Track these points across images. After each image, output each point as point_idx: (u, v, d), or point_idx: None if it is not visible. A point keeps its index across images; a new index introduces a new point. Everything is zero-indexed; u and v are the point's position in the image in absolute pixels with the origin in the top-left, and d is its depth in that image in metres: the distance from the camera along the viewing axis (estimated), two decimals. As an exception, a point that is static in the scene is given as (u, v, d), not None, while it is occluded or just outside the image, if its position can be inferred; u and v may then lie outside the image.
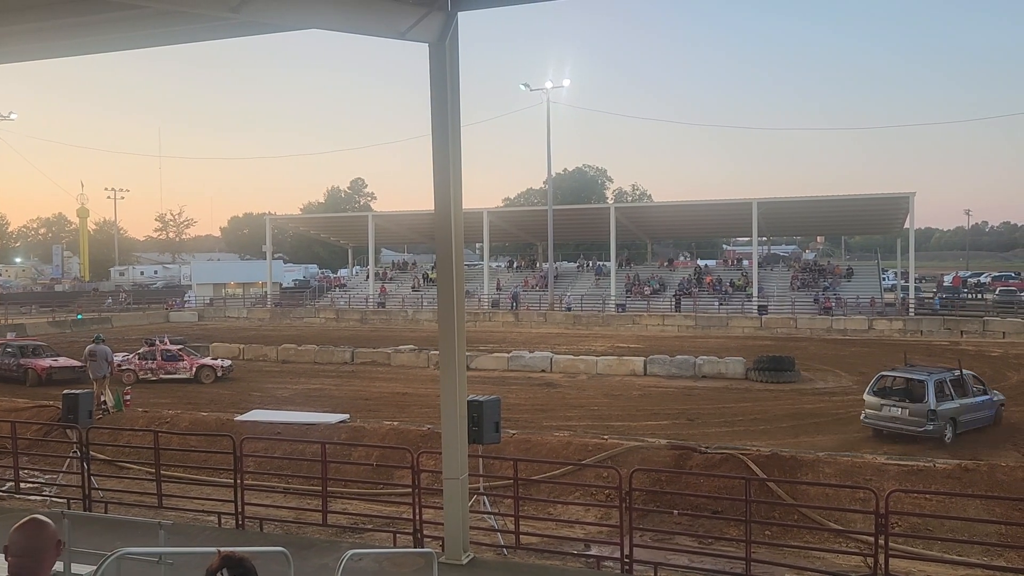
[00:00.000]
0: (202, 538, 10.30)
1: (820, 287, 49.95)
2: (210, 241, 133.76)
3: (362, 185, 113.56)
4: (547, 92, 52.45)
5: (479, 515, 10.67)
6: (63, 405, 13.28)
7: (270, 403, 21.52)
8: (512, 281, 58.85)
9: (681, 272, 57.27)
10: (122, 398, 17.82)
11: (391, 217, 62.88)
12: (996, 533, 10.10)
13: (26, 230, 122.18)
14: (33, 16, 7.73)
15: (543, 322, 47.21)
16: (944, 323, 40.26)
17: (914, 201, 45.70)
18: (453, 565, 9.45)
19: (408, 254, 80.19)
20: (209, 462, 13.33)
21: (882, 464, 12.02)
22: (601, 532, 10.92)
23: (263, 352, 32.48)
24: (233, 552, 2.75)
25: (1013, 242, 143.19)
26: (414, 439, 13.79)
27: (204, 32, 8.74)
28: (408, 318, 50.24)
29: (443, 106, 9.14)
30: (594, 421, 19.15)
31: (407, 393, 23.61)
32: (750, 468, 11.65)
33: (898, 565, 9.17)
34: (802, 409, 20.85)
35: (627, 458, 12.51)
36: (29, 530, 2.79)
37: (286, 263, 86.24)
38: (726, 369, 26.79)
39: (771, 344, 34.87)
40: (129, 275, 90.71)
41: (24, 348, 27.63)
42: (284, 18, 7.92)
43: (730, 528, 10.83)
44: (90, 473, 12.32)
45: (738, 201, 51.25)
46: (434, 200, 9.41)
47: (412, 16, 8.58)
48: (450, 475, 9.60)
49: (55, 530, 2.85)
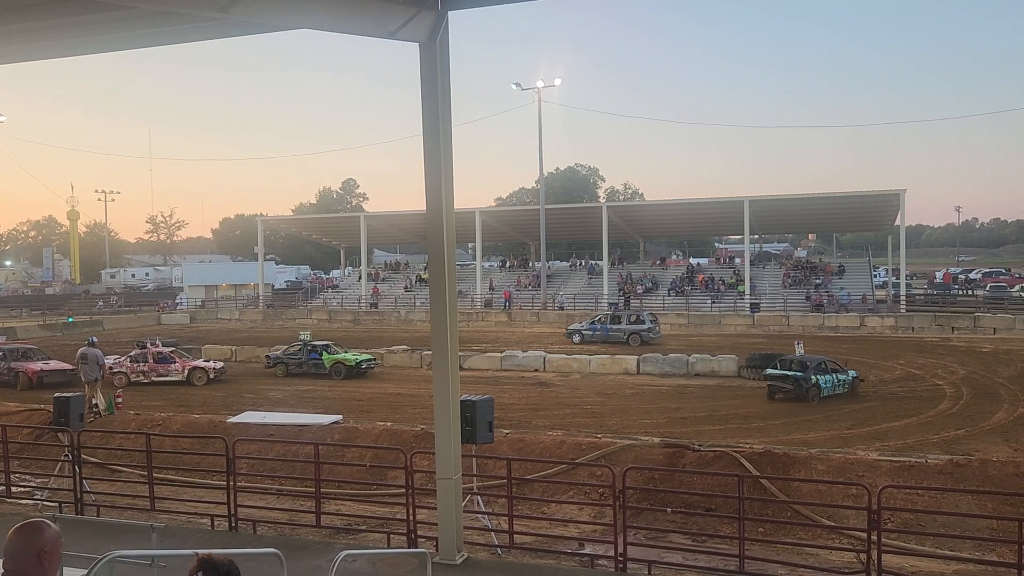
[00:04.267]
0: (195, 540, 10.26)
1: (812, 284, 50.14)
2: (201, 243, 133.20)
3: (354, 186, 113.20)
4: (538, 91, 52.49)
5: (473, 515, 10.66)
6: (54, 408, 13.20)
7: (263, 405, 21.45)
8: (505, 281, 58.85)
9: (674, 270, 57.39)
10: (114, 401, 17.72)
11: (383, 217, 62.78)
12: (988, 528, 10.14)
13: (16, 233, 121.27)
14: (20, 17, 7.68)
15: (536, 321, 47.22)
16: (935, 319, 40.45)
17: (904, 198, 45.87)
18: (447, 565, 9.44)
19: (400, 254, 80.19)
20: (202, 464, 13.29)
21: (874, 460, 12.06)
22: (595, 531, 10.92)
23: (256, 354, 32.36)
24: (211, 555, 2.72)
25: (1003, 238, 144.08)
26: (407, 439, 13.77)
27: (193, 33, 8.72)
28: (401, 318, 50.18)
29: (434, 106, 9.13)
30: (587, 420, 19.16)
31: (400, 393, 23.58)
32: (743, 465, 11.66)
33: (891, 561, 9.19)
34: (794, 406, 20.91)
35: (620, 457, 12.51)
36: (15, 536, 2.73)
37: (278, 264, 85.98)
38: (719, 367, 26.86)
39: (763, 342, 34.98)
40: (120, 277, 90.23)
41: (15, 351, 27.46)
42: (273, 18, 7.90)
43: (724, 526, 10.84)
44: (82, 476, 12.26)
45: (730, 199, 51.36)
46: (426, 200, 9.40)
47: (402, 15, 8.56)
48: (444, 475, 9.60)
49: (42, 540, 2.74)
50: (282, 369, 28.10)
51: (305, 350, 28.07)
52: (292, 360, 28.11)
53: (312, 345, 28.31)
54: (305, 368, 27.68)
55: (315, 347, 28.21)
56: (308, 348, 28.12)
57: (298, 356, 28.11)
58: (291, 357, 28.26)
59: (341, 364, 27.34)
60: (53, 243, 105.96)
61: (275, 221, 72.41)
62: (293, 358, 28.16)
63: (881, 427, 18.11)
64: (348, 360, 27.50)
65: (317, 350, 28.01)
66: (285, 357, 28.42)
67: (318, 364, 27.50)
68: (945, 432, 17.50)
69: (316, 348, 28.15)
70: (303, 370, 27.66)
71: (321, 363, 27.48)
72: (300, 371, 27.70)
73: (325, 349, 28.12)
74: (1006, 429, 17.83)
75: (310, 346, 28.25)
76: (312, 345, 28.31)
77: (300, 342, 28.75)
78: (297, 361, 27.98)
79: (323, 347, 28.26)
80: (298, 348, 28.45)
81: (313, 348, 28.13)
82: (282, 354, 28.73)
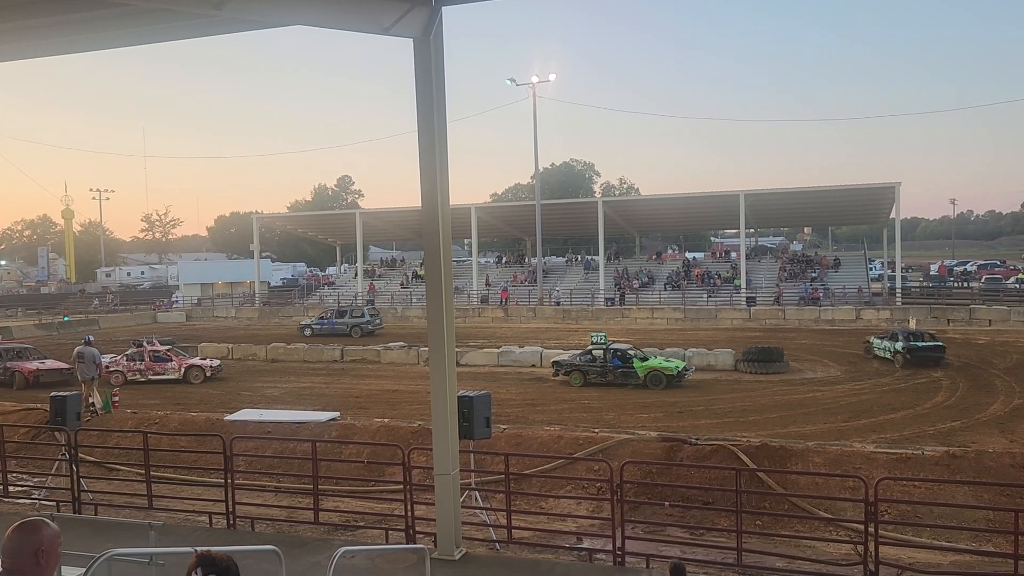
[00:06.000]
0: (193, 538, 10.24)
1: (808, 278, 50.22)
2: (197, 241, 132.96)
3: (349, 182, 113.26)
4: (533, 87, 52.48)
5: (471, 510, 10.67)
6: (51, 407, 13.20)
7: (260, 402, 21.45)
8: (501, 276, 58.85)
9: (670, 265, 57.46)
10: (110, 400, 17.71)
11: (379, 214, 62.72)
12: (984, 519, 10.19)
13: (10, 232, 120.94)
14: (11, 15, 7.64)
15: (532, 317, 47.25)
16: (931, 312, 40.54)
17: (899, 191, 45.99)
18: (446, 561, 9.44)
19: (396, 251, 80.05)
20: (199, 462, 13.28)
21: (871, 452, 12.10)
22: (593, 525, 10.93)
23: (252, 351, 32.37)
24: (209, 551, 2.71)
25: (998, 230, 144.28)
26: (405, 436, 13.78)
27: (187, 30, 8.68)
28: (397, 315, 50.18)
29: (429, 101, 9.11)
30: (584, 415, 19.19)
31: (397, 390, 23.58)
32: (740, 459, 11.69)
33: (888, 552, 9.23)
34: (791, 399, 20.97)
35: (618, 451, 12.53)
36: (13, 535, 2.71)
37: (274, 262, 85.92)
38: (715, 361, 26.93)
39: (760, 335, 35.05)
40: (116, 276, 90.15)
41: (11, 351, 27.40)
42: (267, 14, 7.87)
43: (721, 519, 10.87)
44: (79, 475, 12.24)
45: (725, 193, 51.41)
46: (421, 196, 9.38)
47: (396, 11, 8.54)
48: (441, 471, 9.60)
49: (39, 539, 2.71)
50: (578, 378, 24.02)
51: (608, 355, 24.21)
52: (593, 368, 24.11)
53: (615, 350, 24.42)
54: (611, 377, 23.69)
55: (618, 352, 24.33)
56: (611, 353, 24.25)
57: (599, 363, 24.23)
58: (591, 365, 24.24)
59: (660, 373, 23.34)
60: (48, 242, 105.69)
61: (271, 219, 72.34)
62: (594, 366, 24.17)
63: (878, 419, 18.17)
64: (668, 369, 23.48)
65: (621, 355, 24.16)
66: (583, 364, 24.38)
67: (628, 373, 23.53)
68: (941, 424, 17.55)
69: (619, 353, 24.24)
70: (607, 379, 23.69)
71: (632, 371, 23.52)
72: (604, 380, 23.73)
73: (630, 354, 24.26)
74: (1002, 420, 17.90)
75: (612, 351, 24.36)
76: (615, 350, 24.42)
77: (597, 345, 24.70)
78: (600, 369, 24.02)
79: (628, 352, 24.41)
80: (599, 354, 24.39)
81: (616, 353, 24.25)
82: (579, 360, 24.72)
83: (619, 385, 23.36)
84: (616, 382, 23.50)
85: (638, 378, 23.34)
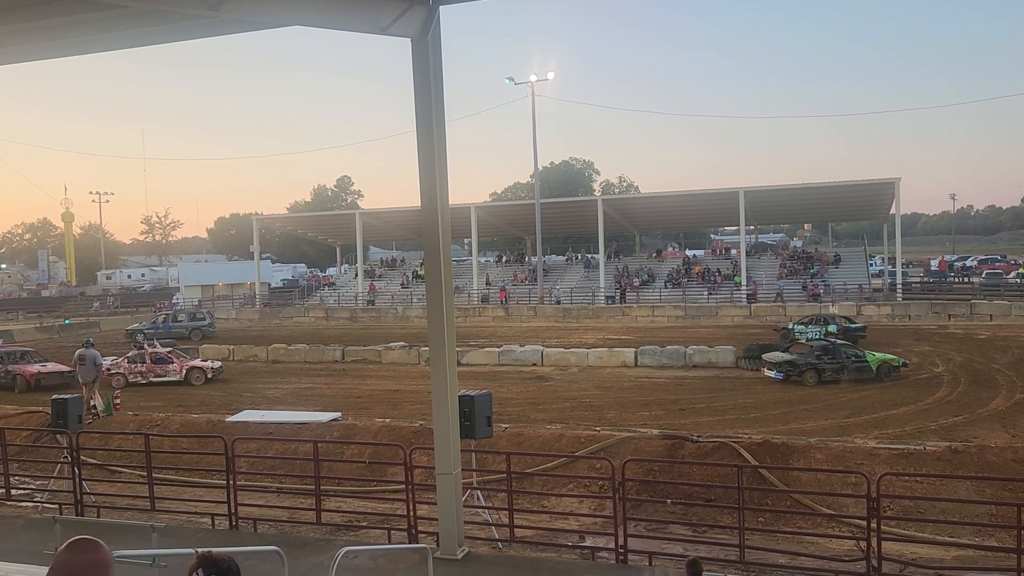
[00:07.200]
0: (195, 540, 10.25)
1: (808, 274, 50.20)
2: (197, 243, 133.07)
3: (348, 183, 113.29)
4: (531, 85, 52.42)
5: (473, 510, 10.68)
6: (52, 410, 13.18)
7: (261, 403, 21.43)
8: (501, 276, 58.85)
9: (670, 263, 57.44)
10: (112, 402, 17.71)
11: (378, 214, 62.72)
12: (987, 514, 10.18)
13: (10, 235, 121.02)
14: (9, 19, 7.64)
15: (533, 316, 47.23)
16: (932, 307, 40.54)
17: (899, 186, 45.95)
18: (448, 560, 9.45)
19: (396, 251, 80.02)
20: (201, 464, 13.29)
21: (873, 448, 12.09)
22: (595, 523, 10.93)
23: (253, 352, 32.35)
24: (210, 552, 2.71)
25: (998, 225, 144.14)
26: (406, 436, 13.77)
27: (184, 31, 8.67)
28: (398, 315, 50.17)
29: (427, 101, 9.11)
30: (586, 413, 19.18)
31: (398, 390, 23.58)
32: (742, 456, 11.69)
33: (890, 548, 9.23)
34: (792, 396, 20.95)
35: (620, 449, 12.53)
36: (74, 552, 2.53)
37: (274, 263, 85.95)
38: (716, 358, 26.90)
39: (761, 332, 35.01)
40: (116, 278, 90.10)
41: (12, 354, 27.41)
42: (264, 15, 7.87)
43: (723, 516, 10.87)
44: (81, 478, 12.26)
45: (725, 190, 51.37)
46: (420, 196, 9.39)
47: (394, 11, 8.54)
48: (443, 471, 9.60)
49: (92, 560, 2.52)
50: (813, 376, 22.51)
51: (837, 348, 23.34)
52: (828, 365, 22.78)
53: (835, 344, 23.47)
54: (844, 374, 22.66)
55: (838, 345, 23.51)
56: (834, 346, 23.44)
57: (833, 358, 22.98)
58: (829, 362, 22.92)
59: (888, 365, 23.01)
60: (48, 245, 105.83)
61: (270, 220, 72.30)
62: (832, 363, 22.85)
63: (879, 415, 18.16)
64: (894, 361, 23.24)
65: (844, 350, 23.31)
66: (817, 361, 22.91)
67: (862, 368, 22.70)
68: (943, 419, 17.54)
69: (839, 348, 23.42)
70: (840, 376, 22.65)
71: (866, 365, 22.75)
72: (836, 377, 22.60)
73: (849, 348, 23.40)
74: (1004, 415, 17.89)
75: (834, 344, 23.44)
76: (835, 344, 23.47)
77: (818, 340, 23.57)
78: (836, 365, 22.76)
79: (847, 345, 23.54)
80: (822, 346, 23.41)
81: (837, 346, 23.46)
82: (812, 358, 23.16)
83: (851, 381, 22.33)
84: (847, 378, 22.54)
85: (871, 371, 22.70)
